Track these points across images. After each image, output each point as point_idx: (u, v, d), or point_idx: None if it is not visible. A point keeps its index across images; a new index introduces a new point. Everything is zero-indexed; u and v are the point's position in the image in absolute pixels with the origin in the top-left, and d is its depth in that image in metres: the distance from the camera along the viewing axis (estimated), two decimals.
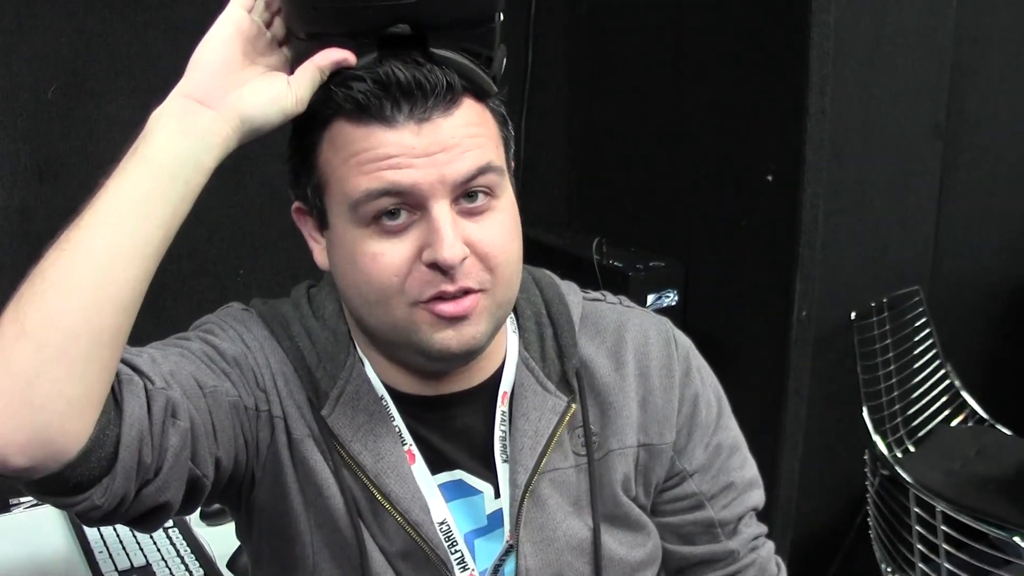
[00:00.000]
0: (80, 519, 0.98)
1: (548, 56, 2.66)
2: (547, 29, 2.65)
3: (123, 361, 0.95)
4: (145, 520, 1.01)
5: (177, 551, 1.72)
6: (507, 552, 1.15)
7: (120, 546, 1.73)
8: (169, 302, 1.99)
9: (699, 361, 1.27)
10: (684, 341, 1.27)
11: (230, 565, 1.72)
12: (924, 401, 2.82)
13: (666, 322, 1.27)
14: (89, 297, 0.89)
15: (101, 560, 1.69)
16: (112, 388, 0.93)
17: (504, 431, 1.16)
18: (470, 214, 1.04)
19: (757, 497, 1.29)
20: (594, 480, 1.18)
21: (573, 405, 1.17)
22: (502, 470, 1.16)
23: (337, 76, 1.01)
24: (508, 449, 1.16)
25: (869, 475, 2.68)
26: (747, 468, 1.28)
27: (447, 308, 1.04)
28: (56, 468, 0.89)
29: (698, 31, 2.36)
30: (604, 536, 1.18)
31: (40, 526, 1.85)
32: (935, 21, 2.67)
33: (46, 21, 1.97)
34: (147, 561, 1.69)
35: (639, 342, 1.22)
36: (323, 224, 1.09)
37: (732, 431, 1.28)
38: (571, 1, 2.67)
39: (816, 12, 2.09)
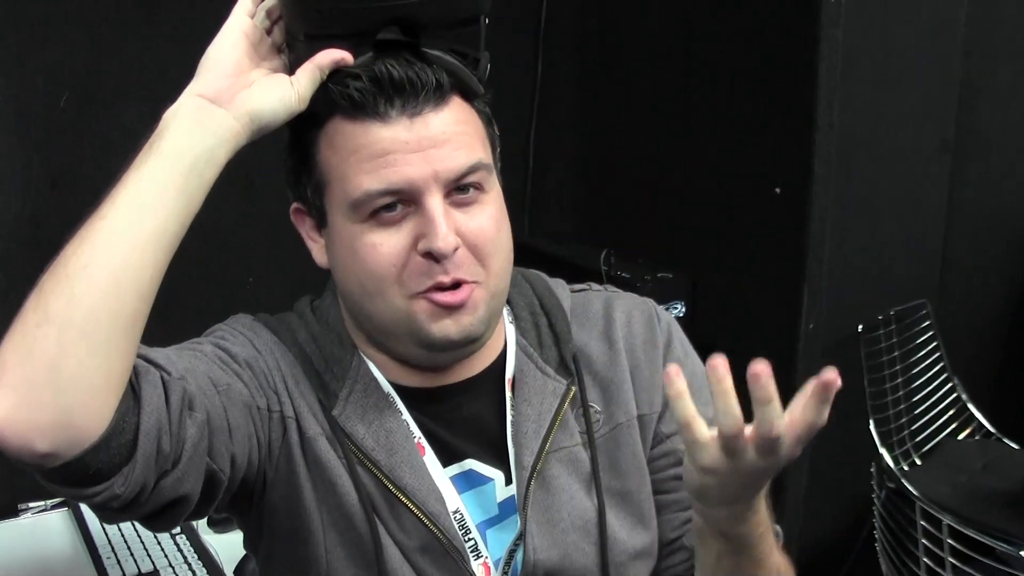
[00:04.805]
0: (99, 513, 1.01)
1: (557, 69, 2.68)
2: (557, 43, 2.66)
3: (140, 356, 0.99)
4: (163, 515, 1.03)
5: (184, 557, 1.73)
6: (520, 538, 1.18)
7: (128, 552, 1.74)
8: (178, 309, 2.00)
9: (681, 336, 1.32)
10: (666, 317, 1.33)
11: (237, 572, 1.72)
12: (931, 414, 2.81)
13: (649, 302, 1.33)
14: (110, 281, 0.93)
15: (109, 566, 1.70)
16: (130, 379, 0.96)
17: (514, 415, 1.20)
18: (461, 205, 1.11)
19: None
20: (595, 456, 1.22)
21: (573, 387, 1.22)
22: (514, 454, 1.19)
23: (335, 75, 1.08)
24: (515, 434, 1.19)
25: (875, 488, 2.67)
26: None
27: (444, 297, 1.10)
28: (77, 453, 0.91)
29: (707, 45, 2.37)
30: (609, 516, 1.21)
31: (48, 531, 1.86)
32: (944, 36, 2.67)
33: (59, 32, 1.99)
34: (155, 567, 1.70)
35: (623, 321, 1.29)
36: (322, 223, 1.15)
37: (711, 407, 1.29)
38: (581, 15, 2.69)
39: (825, 27, 2.10)
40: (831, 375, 0.86)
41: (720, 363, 0.90)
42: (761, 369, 0.87)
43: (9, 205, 1.99)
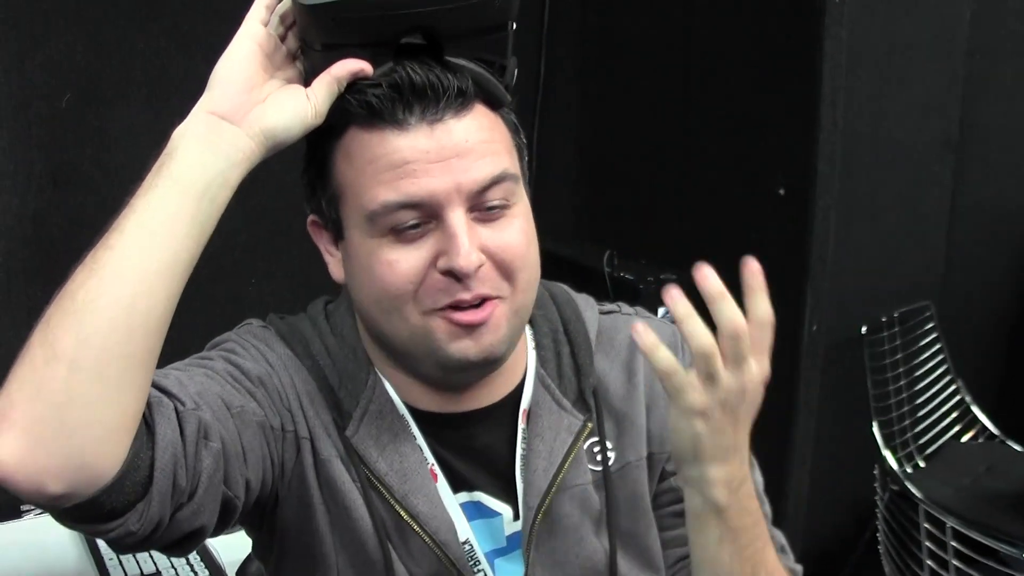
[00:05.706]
0: (114, 546, 0.97)
1: (559, 68, 2.67)
2: (559, 41, 2.66)
3: (152, 384, 0.94)
4: (179, 545, 1.00)
5: (187, 558, 1.73)
6: None
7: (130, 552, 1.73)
8: (182, 310, 2.00)
9: None
10: None
11: (240, 573, 1.72)
12: (934, 416, 2.81)
13: (678, 331, 1.25)
14: (120, 318, 0.88)
15: (111, 567, 1.70)
16: (143, 412, 0.92)
17: (524, 450, 1.15)
18: (486, 220, 1.04)
19: None
20: (610, 496, 1.17)
21: (589, 424, 1.17)
22: (522, 492, 1.15)
23: (353, 86, 1.02)
24: (524, 470, 1.15)
25: (879, 490, 2.67)
26: None
27: (465, 316, 1.04)
28: (91, 494, 0.88)
29: (709, 44, 2.37)
30: (619, 559, 1.16)
31: (51, 532, 1.85)
32: (947, 34, 2.67)
33: (60, 30, 1.99)
34: (157, 568, 1.69)
35: None
36: (338, 236, 1.10)
37: None
38: (583, 13, 2.69)
39: (829, 25, 2.10)
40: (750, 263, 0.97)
41: (675, 291, 0.94)
42: (706, 271, 0.93)
43: (10, 203, 1.99)
